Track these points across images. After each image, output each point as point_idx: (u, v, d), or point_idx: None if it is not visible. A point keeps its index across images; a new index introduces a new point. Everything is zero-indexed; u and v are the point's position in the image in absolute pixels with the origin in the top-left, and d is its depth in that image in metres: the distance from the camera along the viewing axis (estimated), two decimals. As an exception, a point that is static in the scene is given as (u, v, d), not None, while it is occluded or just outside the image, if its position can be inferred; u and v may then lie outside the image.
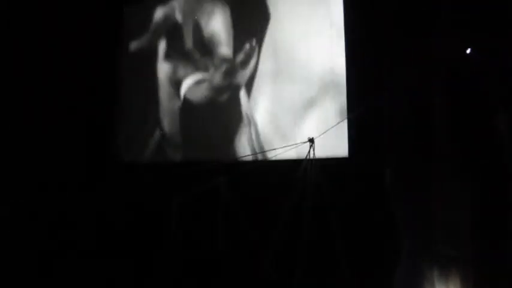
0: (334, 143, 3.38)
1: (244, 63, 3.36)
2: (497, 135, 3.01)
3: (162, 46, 3.58)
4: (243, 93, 3.50)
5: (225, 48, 3.33)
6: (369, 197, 3.23)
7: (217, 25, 3.33)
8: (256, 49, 3.30)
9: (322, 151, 3.21)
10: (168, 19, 3.52)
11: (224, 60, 3.31)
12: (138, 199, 3.90)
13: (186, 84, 3.62)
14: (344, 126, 3.38)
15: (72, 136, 4.23)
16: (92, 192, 3.99)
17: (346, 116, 3.41)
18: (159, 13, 3.52)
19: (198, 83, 3.60)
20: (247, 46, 3.32)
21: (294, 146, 3.30)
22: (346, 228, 3.14)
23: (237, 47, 3.32)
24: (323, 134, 3.21)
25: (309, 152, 3.07)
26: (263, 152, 3.68)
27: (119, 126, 4.38)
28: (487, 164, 2.99)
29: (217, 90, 3.57)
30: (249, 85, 3.48)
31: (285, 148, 3.30)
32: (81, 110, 4.28)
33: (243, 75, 3.46)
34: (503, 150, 2.98)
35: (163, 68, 3.61)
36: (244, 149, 3.67)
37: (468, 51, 3.11)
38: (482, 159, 3.00)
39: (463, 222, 2.98)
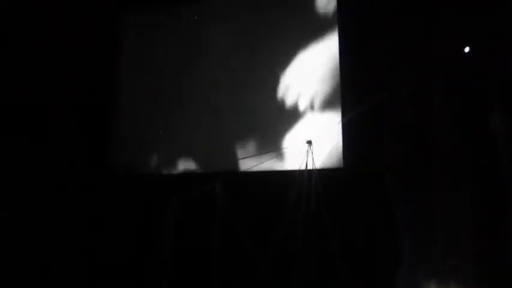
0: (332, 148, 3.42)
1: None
2: (497, 135, 3.01)
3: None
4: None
5: None
6: (367, 199, 3.22)
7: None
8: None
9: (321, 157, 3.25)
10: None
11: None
12: (134, 204, 3.88)
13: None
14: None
15: (68, 140, 4.20)
16: (89, 196, 3.99)
17: (346, 118, 3.41)
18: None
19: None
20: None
21: (293, 148, 3.31)
22: (345, 229, 3.13)
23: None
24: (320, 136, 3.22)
25: (308, 153, 3.07)
26: (262, 154, 3.70)
27: (116, 133, 4.38)
28: (487, 164, 2.98)
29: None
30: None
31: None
32: (79, 113, 4.25)
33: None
34: (503, 150, 2.98)
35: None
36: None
37: (467, 49, 3.10)
38: (482, 159, 3.00)
39: (463, 223, 2.97)
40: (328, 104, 3.58)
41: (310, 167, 3.03)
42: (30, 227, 3.88)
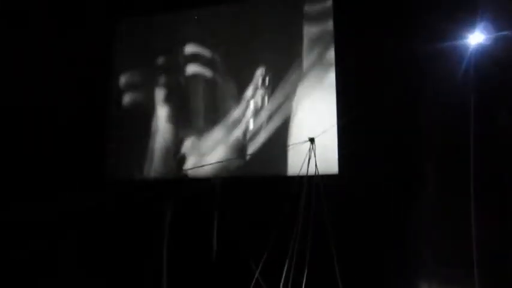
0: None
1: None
2: (498, 135, 3.02)
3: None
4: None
5: None
6: (365, 204, 3.22)
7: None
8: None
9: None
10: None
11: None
12: (131, 208, 3.85)
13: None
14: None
15: (63, 144, 4.20)
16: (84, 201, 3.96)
17: (346, 118, 3.40)
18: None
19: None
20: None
21: (295, 145, 3.31)
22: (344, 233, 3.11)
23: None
24: (321, 134, 3.21)
25: (310, 151, 3.05)
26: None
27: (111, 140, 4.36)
28: (487, 164, 2.98)
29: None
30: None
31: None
32: (73, 117, 4.25)
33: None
34: (504, 151, 2.98)
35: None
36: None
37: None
38: (482, 159, 3.00)
39: (463, 224, 2.97)
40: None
41: (311, 165, 3.01)
42: (27, 229, 3.86)
